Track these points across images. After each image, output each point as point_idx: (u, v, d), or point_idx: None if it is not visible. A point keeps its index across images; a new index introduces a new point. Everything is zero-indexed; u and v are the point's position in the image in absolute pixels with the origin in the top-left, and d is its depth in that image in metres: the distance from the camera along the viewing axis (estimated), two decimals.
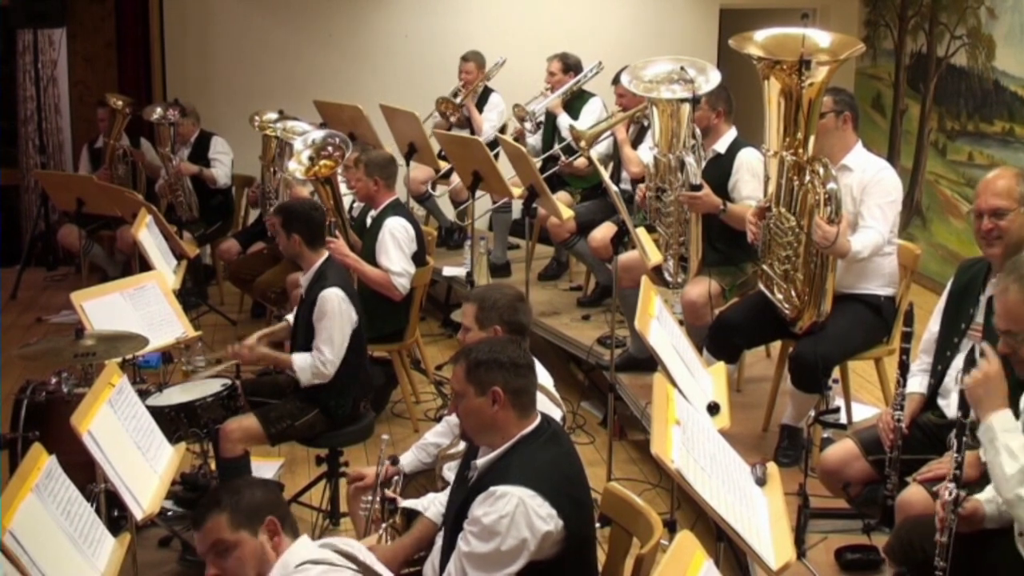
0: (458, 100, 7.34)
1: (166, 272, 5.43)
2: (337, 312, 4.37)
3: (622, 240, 4.82)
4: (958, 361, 3.35)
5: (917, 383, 3.62)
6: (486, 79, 7.48)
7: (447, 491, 3.17)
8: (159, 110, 7.38)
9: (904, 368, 3.46)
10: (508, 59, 7.56)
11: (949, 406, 3.47)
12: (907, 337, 3.48)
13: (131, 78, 8.67)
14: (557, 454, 2.81)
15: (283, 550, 2.49)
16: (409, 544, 3.19)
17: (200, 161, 7.55)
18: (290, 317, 4.75)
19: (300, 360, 4.40)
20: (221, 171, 7.58)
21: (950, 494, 2.74)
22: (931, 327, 3.67)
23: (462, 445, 3.25)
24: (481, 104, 7.42)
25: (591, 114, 6.63)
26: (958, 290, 3.55)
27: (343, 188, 5.86)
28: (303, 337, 4.46)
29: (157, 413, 3.93)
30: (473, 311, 3.41)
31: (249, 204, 7.71)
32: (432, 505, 3.28)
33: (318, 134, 6.03)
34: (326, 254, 4.55)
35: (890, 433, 3.43)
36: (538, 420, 2.84)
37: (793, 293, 4.26)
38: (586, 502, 2.84)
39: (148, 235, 5.62)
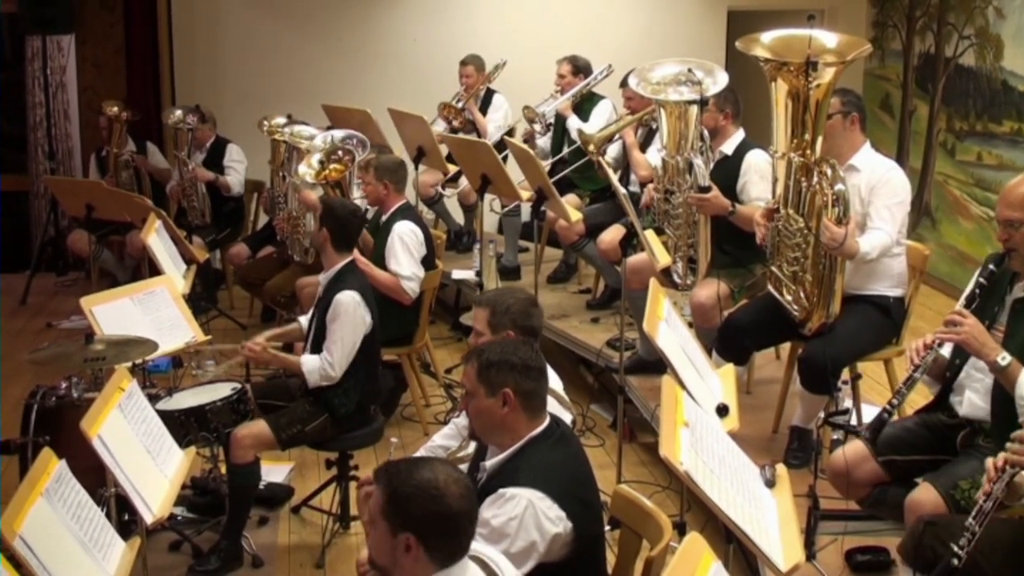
0: (459, 104, 7.33)
1: (176, 277, 5.43)
2: (351, 315, 4.37)
3: (631, 242, 4.82)
4: (976, 360, 3.31)
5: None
6: (487, 81, 7.48)
7: None
8: (178, 113, 7.40)
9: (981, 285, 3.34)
10: (516, 62, 7.57)
11: (961, 403, 3.45)
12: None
13: (140, 84, 8.68)
14: (566, 456, 2.82)
15: (419, 571, 2.30)
16: None
17: (214, 167, 7.56)
18: (303, 319, 4.76)
19: (309, 362, 4.40)
20: (235, 179, 7.59)
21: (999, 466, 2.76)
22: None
23: (471, 448, 3.25)
24: (484, 106, 7.42)
25: (600, 116, 6.62)
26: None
27: (355, 192, 5.86)
28: (317, 337, 4.46)
29: (167, 417, 3.95)
30: (485, 316, 3.40)
31: (262, 209, 7.72)
32: None
33: (337, 134, 6.03)
34: (350, 258, 4.56)
35: (922, 350, 3.27)
36: (547, 422, 2.84)
37: (802, 294, 4.25)
38: (595, 503, 2.84)
39: (157, 240, 5.63)
